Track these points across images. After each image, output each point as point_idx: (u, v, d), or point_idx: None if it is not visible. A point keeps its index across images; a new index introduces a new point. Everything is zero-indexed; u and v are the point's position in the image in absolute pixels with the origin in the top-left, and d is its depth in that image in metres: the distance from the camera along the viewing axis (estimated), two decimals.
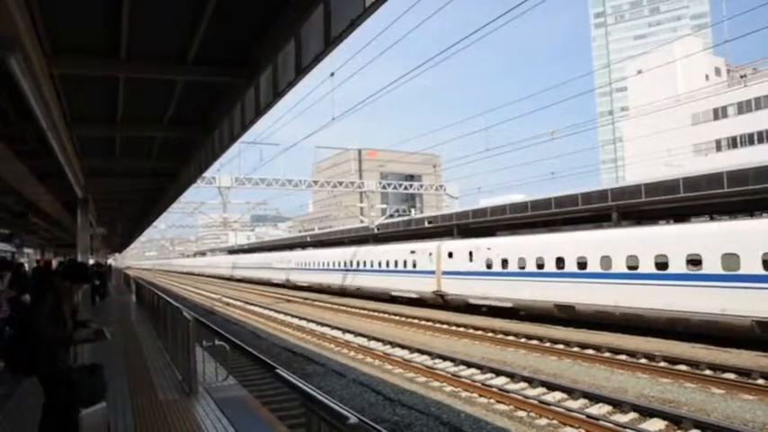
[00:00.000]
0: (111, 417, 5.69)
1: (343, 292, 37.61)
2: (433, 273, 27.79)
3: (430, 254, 28.12)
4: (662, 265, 17.06)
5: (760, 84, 49.07)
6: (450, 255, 26.76)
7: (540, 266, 21.40)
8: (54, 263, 26.58)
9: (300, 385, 3.38)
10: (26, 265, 19.23)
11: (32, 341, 4.60)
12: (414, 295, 29.58)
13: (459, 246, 26.87)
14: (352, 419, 2.62)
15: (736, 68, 65.37)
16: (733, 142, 53.94)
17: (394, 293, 31.40)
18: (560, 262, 20.55)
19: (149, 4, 5.92)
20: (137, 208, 25.18)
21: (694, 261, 16.23)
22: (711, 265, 15.70)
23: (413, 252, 29.87)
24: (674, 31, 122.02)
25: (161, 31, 6.70)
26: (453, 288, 26.42)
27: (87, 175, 15.33)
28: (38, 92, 6.19)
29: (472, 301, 25.12)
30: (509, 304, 22.88)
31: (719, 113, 55.40)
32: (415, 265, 29.52)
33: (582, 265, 19.73)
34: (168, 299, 10.17)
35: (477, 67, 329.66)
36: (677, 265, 16.64)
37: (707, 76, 66.22)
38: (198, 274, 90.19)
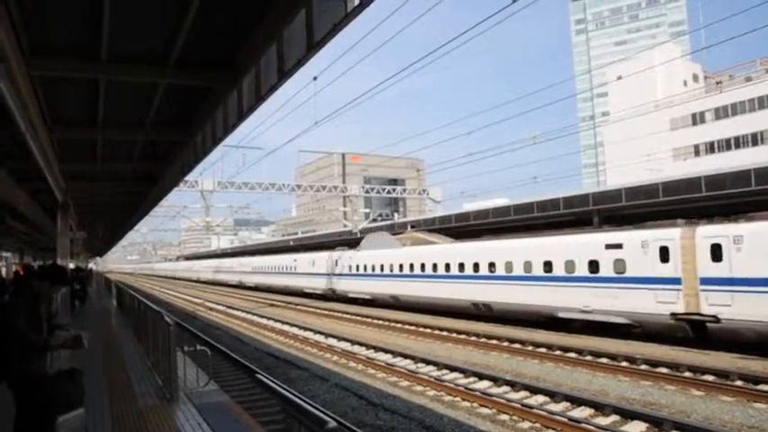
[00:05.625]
0: (89, 423, 5.61)
1: (282, 291, 44.84)
2: (328, 275, 36.68)
3: (327, 260, 37.18)
4: (448, 268, 25.37)
5: (737, 90, 49.98)
6: (336, 261, 35.67)
7: (383, 269, 30.46)
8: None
9: (280, 390, 3.37)
10: (2, 269, 18.91)
11: (4, 344, 4.48)
12: (319, 291, 38.17)
13: (343, 255, 35.39)
14: (332, 424, 2.62)
15: (713, 75, 66.62)
16: (711, 147, 54.80)
17: (306, 291, 40.14)
18: (401, 268, 29.05)
19: (131, 5, 5.87)
20: (118, 212, 24.92)
21: (462, 266, 24.48)
22: (468, 269, 24.04)
23: (317, 259, 39.11)
24: (654, 37, 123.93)
25: (143, 33, 6.65)
26: (339, 286, 35.24)
27: (68, 179, 15.15)
28: (16, 93, 6.10)
29: (351, 294, 33.68)
30: (369, 297, 31.85)
31: (697, 119, 56.29)
32: (317, 269, 38.82)
33: (411, 268, 28.07)
34: (149, 303, 10.06)
35: (462, 72, 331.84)
36: (467, 269, 24.30)
37: (685, 82, 67.28)
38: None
